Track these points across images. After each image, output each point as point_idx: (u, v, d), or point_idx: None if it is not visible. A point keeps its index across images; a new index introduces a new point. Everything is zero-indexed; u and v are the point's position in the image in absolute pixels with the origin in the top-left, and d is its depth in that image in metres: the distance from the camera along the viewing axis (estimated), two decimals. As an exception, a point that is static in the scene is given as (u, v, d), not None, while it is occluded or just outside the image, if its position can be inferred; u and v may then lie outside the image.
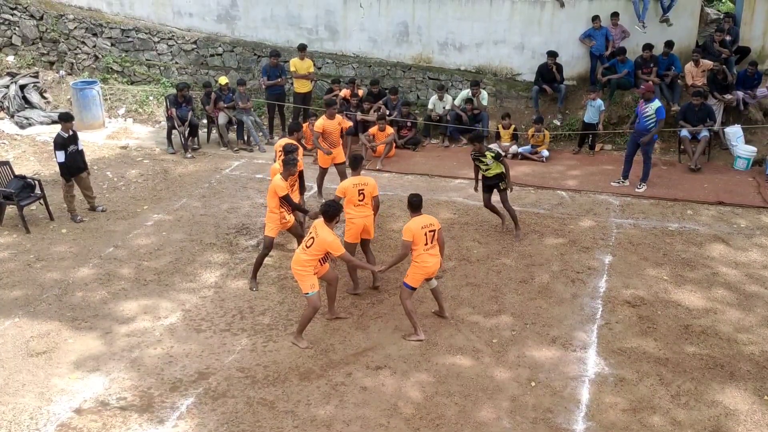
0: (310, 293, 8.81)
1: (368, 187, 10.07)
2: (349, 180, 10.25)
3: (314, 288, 8.82)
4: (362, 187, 10.03)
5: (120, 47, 18.67)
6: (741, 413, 7.88)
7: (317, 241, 8.71)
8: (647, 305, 9.84)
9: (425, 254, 8.89)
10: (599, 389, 8.25)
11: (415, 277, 8.99)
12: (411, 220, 9.01)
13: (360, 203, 10.02)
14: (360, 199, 10.00)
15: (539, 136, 15.06)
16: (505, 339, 9.17)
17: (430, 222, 8.99)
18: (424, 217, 9.04)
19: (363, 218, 10.05)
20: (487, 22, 16.38)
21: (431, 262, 8.96)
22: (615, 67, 15.64)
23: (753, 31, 16.26)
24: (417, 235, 8.83)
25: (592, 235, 11.78)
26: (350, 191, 10.01)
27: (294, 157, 10.47)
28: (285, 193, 10.15)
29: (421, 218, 9.00)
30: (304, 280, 8.82)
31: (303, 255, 8.81)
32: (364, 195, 10.02)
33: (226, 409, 7.96)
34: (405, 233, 8.88)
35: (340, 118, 13.09)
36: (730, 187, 13.51)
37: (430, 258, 8.94)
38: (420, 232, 8.84)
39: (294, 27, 17.59)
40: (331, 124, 12.71)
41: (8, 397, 8.13)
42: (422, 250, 8.87)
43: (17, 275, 10.75)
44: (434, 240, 8.95)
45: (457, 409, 7.94)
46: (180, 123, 15.41)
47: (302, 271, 8.80)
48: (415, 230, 8.85)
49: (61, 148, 12.00)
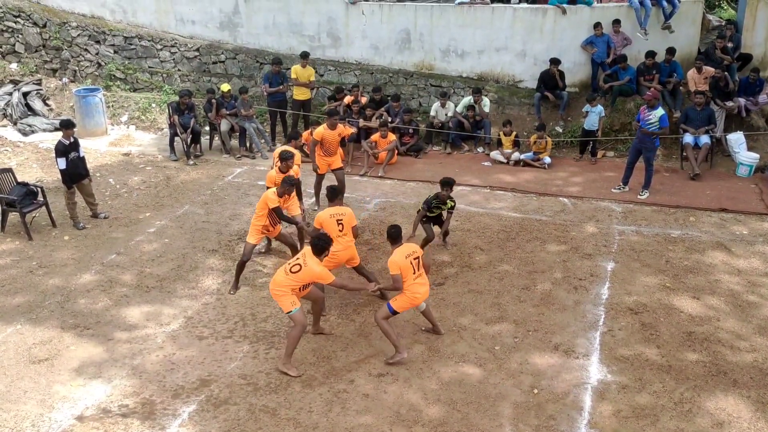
0: (293, 311, 8.46)
1: (346, 217, 9.75)
2: (326, 211, 9.88)
3: (296, 305, 8.46)
4: (340, 218, 9.70)
5: (123, 55, 18.72)
6: (744, 421, 7.86)
7: (304, 270, 8.40)
8: (649, 312, 9.83)
9: (415, 284, 8.67)
10: (602, 396, 8.23)
11: (402, 305, 8.73)
12: (394, 252, 8.72)
13: (340, 234, 9.62)
14: (340, 229, 9.63)
15: (541, 143, 15.06)
16: (508, 346, 9.15)
17: (412, 250, 8.78)
18: (406, 246, 8.81)
19: (345, 250, 9.65)
20: (489, 29, 16.42)
21: (422, 292, 8.76)
22: (617, 74, 15.66)
23: (755, 38, 16.27)
24: (403, 266, 8.58)
25: (594, 242, 11.77)
26: (328, 222, 9.66)
27: (292, 179, 10.30)
28: (276, 206, 10.06)
29: (403, 248, 8.76)
30: (283, 299, 8.47)
31: (284, 278, 8.46)
32: (343, 225, 9.67)
33: (228, 416, 7.95)
34: (391, 267, 8.60)
35: (341, 128, 13.03)
36: (732, 194, 13.50)
37: (420, 287, 8.72)
38: (405, 263, 8.59)
39: (296, 34, 17.64)
40: (331, 134, 12.70)
41: (10, 404, 8.13)
42: (412, 281, 8.64)
43: (19, 282, 10.76)
44: (420, 267, 8.76)
45: (460, 416, 7.93)
46: (182, 130, 15.43)
47: (280, 292, 8.47)
48: (400, 262, 8.59)
49: (63, 155, 12.02)
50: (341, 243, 9.58)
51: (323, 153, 12.82)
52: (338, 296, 10.26)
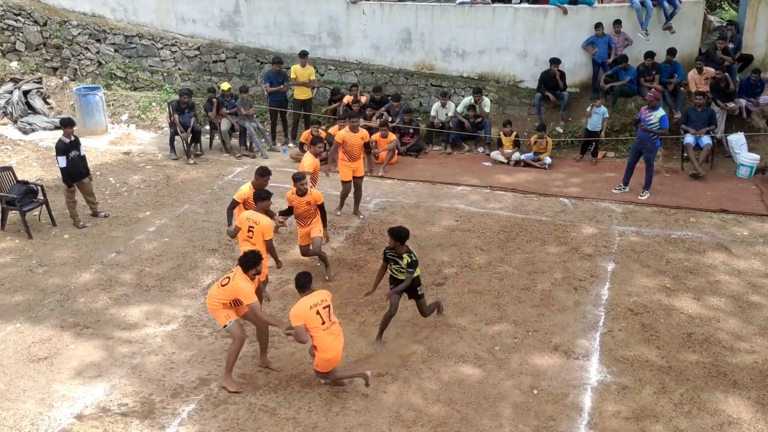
0: (228, 325, 8.20)
1: (258, 227, 9.25)
2: (246, 213, 9.53)
3: (230, 318, 8.22)
4: (252, 225, 9.28)
5: (123, 53, 18.71)
6: (744, 422, 7.86)
7: (231, 284, 8.08)
8: (649, 313, 9.82)
9: (325, 335, 7.89)
10: (601, 397, 8.23)
11: (323, 365, 8.05)
12: (298, 302, 7.97)
13: (248, 239, 9.27)
14: (249, 236, 9.28)
15: (542, 144, 15.05)
16: (507, 346, 9.15)
17: (321, 299, 7.98)
18: (314, 295, 8.00)
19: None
20: (489, 30, 16.41)
21: (335, 346, 7.99)
22: (617, 74, 15.65)
23: (756, 39, 16.25)
24: (307, 317, 7.82)
25: (594, 242, 11.77)
26: (243, 224, 9.36)
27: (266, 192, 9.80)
28: (270, 238, 9.43)
29: (309, 297, 7.96)
30: (218, 314, 8.23)
31: (215, 291, 8.24)
32: (253, 233, 9.26)
33: (228, 416, 7.95)
34: (293, 319, 7.87)
35: (364, 133, 12.64)
36: (732, 194, 13.49)
37: (332, 341, 7.95)
38: (309, 313, 7.83)
39: (297, 34, 17.63)
40: (353, 137, 12.34)
41: (9, 403, 8.13)
42: (321, 332, 7.88)
43: (19, 280, 10.75)
44: (331, 316, 7.99)
45: (459, 416, 7.92)
46: (183, 129, 15.43)
47: (213, 306, 8.24)
48: (302, 313, 7.84)
49: (63, 153, 12.02)
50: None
51: (346, 158, 12.42)
52: (338, 296, 10.24)
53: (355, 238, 12.04)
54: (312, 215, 10.69)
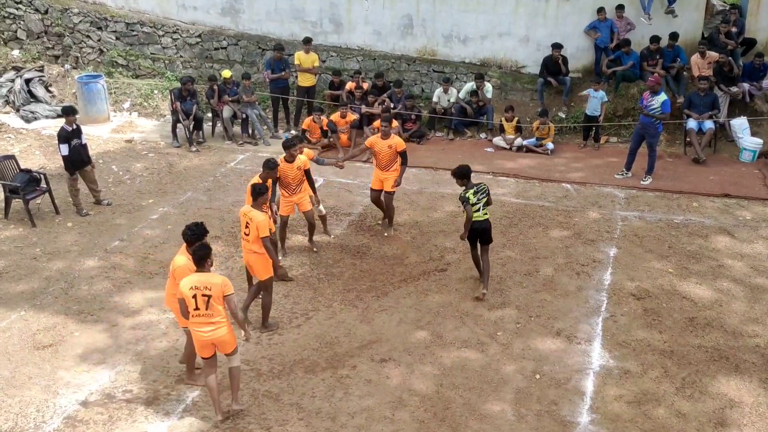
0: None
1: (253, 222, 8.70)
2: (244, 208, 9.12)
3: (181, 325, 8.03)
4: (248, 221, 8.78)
5: (125, 41, 18.68)
6: (746, 405, 7.89)
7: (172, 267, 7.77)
8: (652, 298, 9.84)
9: (194, 320, 7.33)
10: (604, 381, 8.26)
11: (195, 345, 7.63)
12: (187, 276, 7.41)
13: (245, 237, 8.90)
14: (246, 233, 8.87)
15: (544, 129, 15.02)
16: (510, 331, 9.17)
17: (207, 285, 7.21)
18: (204, 276, 7.29)
19: (246, 253, 8.48)
20: (491, 15, 16.33)
21: (204, 330, 7.34)
22: (620, 59, 15.59)
23: (759, 23, 16.18)
24: (185, 295, 7.23)
25: (597, 227, 11.77)
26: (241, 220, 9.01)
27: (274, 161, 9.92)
28: (265, 235, 8.81)
29: (198, 276, 7.29)
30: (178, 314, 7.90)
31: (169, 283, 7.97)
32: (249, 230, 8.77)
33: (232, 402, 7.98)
34: (177, 291, 7.38)
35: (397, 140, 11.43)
36: (735, 179, 13.48)
37: (198, 330, 7.36)
38: (187, 294, 7.21)
39: (298, 20, 17.57)
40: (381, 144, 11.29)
41: (15, 390, 8.18)
42: (191, 316, 7.32)
43: (23, 268, 10.79)
44: (210, 307, 7.24)
45: (462, 401, 7.96)
46: (185, 117, 15.42)
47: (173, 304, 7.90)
48: (183, 290, 7.24)
49: (65, 141, 12.04)
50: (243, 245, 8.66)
51: (376, 165, 11.50)
52: (341, 282, 10.28)
53: (358, 225, 12.05)
54: (300, 182, 10.60)
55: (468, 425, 7.62)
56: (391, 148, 11.28)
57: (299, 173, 10.59)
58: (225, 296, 7.27)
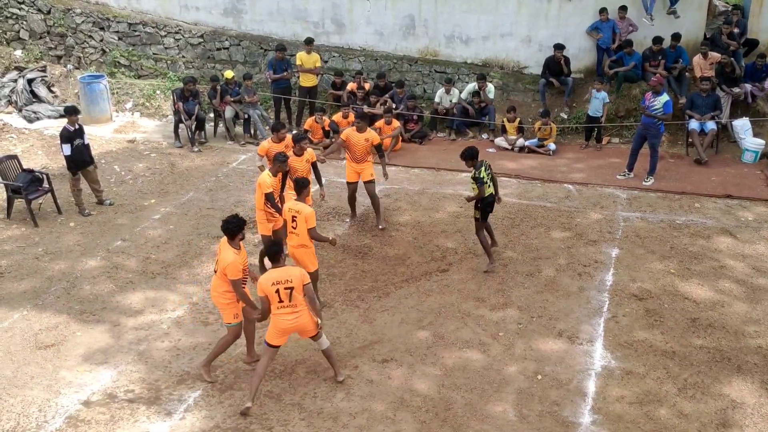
0: (233, 324, 8.20)
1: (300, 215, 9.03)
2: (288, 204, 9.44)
3: (238, 318, 8.21)
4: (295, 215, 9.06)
5: (127, 41, 18.69)
6: (748, 406, 7.88)
7: (219, 261, 8.02)
8: (654, 298, 9.83)
9: (277, 314, 7.75)
10: (606, 382, 8.25)
11: (271, 333, 7.90)
12: (266, 272, 8.05)
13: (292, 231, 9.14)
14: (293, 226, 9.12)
15: (546, 130, 15.02)
16: (512, 332, 9.17)
17: (287, 278, 7.66)
18: (282, 271, 7.74)
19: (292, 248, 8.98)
20: (493, 15, 16.33)
21: (288, 319, 7.75)
22: (622, 59, 15.58)
23: (761, 23, 16.15)
24: (268, 293, 7.68)
25: (599, 228, 11.76)
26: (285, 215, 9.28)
27: (284, 154, 10.16)
28: (269, 191, 9.69)
29: (274, 272, 7.75)
30: (226, 310, 8.17)
31: (218, 281, 8.12)
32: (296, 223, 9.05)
33: (233, 402, 8.00)
34: (257, 288, 7.79)
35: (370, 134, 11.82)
36: (737, 180, 13.46)
37: (283, 319, 7.75)
38: (270, 290, 7.65)
39: (300, 20, 17.58)
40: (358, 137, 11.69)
41: (17, 390, 8.19)
42: (276, 308, 7.73)
43: (25, 268, 10.81)
44: (293, 298, 7.68)
45: (464, 402, 7.96)
46: (187, 117, 15.43)
47: (223, 298, 8.10)
48: (265, 287, 7.68)
49: (67, 141, 12.06)
50: (291, 239, 9.14)
51: (350, 158, 11.93)
52: (342, 282, 10.29)
53: (360, 226, 12.06)
54: (307, 175, 10.62)
55: (469, 426, 7.62)
56: (367, 141, 11.67)
57: (307, 166, 10.84)
58: (304, 285, 7.75)
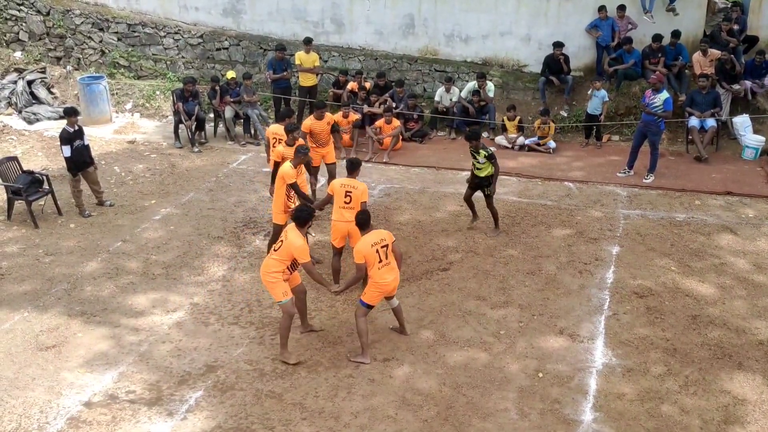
0: (283, 301, 8.41)
1: (357, 190, 9.63)
2: (339, 180, 9.97)
3: (287, 295, 8.42)
4: (350, 190, 9.66)
5: (126, 42, 18.70)
6: (750, 402, 7.88)
7: (284, 244, 8.32)
8: (655, 296, 9.83)
9: (381, 271, 8.39)
10: (607, 380, 8.25)
11: (372, 295, 8.49)
12: (360, 240, 8.52)
13: (346, 206, 9.62)
14: (346, 201, 9.62)
15: (546, 128, 15.01)
16: (513, 330, 9.17)
17: (380, 238, 8.47)
18: (374, 234, 8.51)
19: (345, 223, 9.52)
20: (493, 14, 16.34)
21: (389, 279, 8.45)
22: (622, 57, 15.58)
23: (761, 20, 16.14)
24: (368, 255, 8.33)
25: (599, 226, 11.76)
26: (337, 191, 9.71)
27: (305, 148, 10.40)
28: (293, 181, 10.05)
29: (370, 235, 8.46)
30: (275, 288, 8.41)
31: (270, 260, 8.44)
32: (351, 198, 9.62)
33: (235, 402, 8.00)
34: (356, 255, 8.41)
35: (330, 117, 12.49)
36: (738, 177, 13.46)
37: (387, 274, 8.44)
38: (370, 251, 8.33)
39: (300, 20, 17.58)
40: (319, 125, 12.23)
41: (18, 391, 8.19)
42: (377, 268, 8.37)
43: (26, 270, 10.81)
44: (389, 255, 8.47)
45: (465, 400, 7.96)
46: (187, 117, 15.43)
47: (272, 278, 8.37)
48: (365, 251, 8.34)
49: (67, 142, 12.05)
50: (344, 215, 9.61)
51: (315, 146, 12.29)
52: (343, 282, 10.26)
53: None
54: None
55: (471, 424, 7.62)
56: (329, 124, 12.34)
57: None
58: (393, 243, 8.59)
